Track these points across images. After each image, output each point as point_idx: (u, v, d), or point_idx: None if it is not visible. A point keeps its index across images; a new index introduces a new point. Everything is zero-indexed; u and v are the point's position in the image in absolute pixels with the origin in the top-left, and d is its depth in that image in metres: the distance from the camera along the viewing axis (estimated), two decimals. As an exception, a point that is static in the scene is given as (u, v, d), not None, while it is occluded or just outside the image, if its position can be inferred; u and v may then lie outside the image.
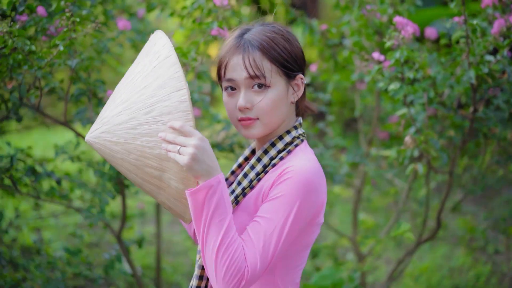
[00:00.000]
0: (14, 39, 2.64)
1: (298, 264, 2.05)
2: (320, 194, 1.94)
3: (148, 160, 1.91)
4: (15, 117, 3.38)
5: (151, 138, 1.89)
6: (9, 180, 3.38)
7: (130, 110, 1.91)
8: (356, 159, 3.55)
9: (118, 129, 1.91)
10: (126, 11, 4.04)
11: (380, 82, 2.84)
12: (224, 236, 1.83)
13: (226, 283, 1.82)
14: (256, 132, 2.00)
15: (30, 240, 5.61)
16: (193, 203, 1.86)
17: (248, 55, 1.95)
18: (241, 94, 1.97)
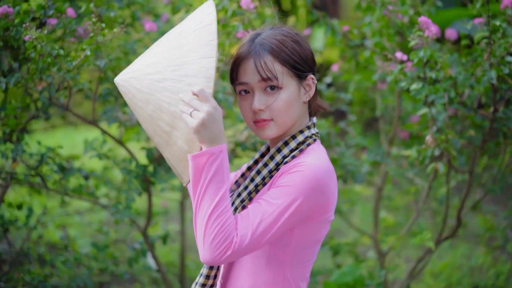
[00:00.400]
0: (42, 44, 2.70)
1: (308, 259, 2.09)
2: (327, 193, 1.98)
3: (163, 114, 1.97)
4: (44, 116, 3.45)
5: (171, 94, 1.95)
6: (37, 177, 3.45)
7: (160, 65, 1.98)
8: (377, 158, 3.57)
9: (145, 78, 1.98)
10: (152, 13, 4.10)
11: (402, 82, 2.86)
12: (218, 203, 1.87)
13: (213, 249, 1.86)
14: (271, 133, 2.05)
15: (56, 237, 5.68)
16: (194, 167, 1.90)
17: (259, 58, 2.00)
18: (255, 97, 2.02)
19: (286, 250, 2.02)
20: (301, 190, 1.92)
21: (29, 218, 4.29)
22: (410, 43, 2.71)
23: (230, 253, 1.87)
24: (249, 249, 1.90)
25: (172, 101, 1.95)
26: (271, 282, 2.06)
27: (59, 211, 6.38)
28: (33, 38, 2.69)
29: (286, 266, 2.05)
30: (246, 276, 2.09)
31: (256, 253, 2.06)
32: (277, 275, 2.05)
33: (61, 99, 3.14)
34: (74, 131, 8.18)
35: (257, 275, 2.07)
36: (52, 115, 4.13)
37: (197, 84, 1.92)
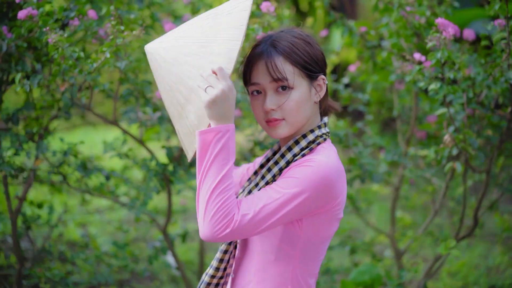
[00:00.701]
0: (64, 46, 2.74)
1: (316, 257, 2.12)
2: (334, 191, 2.00)
3: (181, 86, 2.03)
4: (66, 115, 3.50)
5: (192, 69, 2.01)
6: (59, 175, 3.49)
7: (190, 39, 2.04)
8: (394, 158, 3.58)
9: (173, 50, 2.05)
10: (172, 14, 4.13)
11: (421, 82, 2.87)
12: (222, 180, 1.91)
13: (213, 224, 1.89)
14: (283, 132, 2.08)
15: (77, 235, 5.73)
16: (201, 142, 1.95)
17: (271, 60, 2.04)
18: (267, 97, 2.06)
19: (295, 246, 2.05)
20: (309, 185, 1.95)
21: (50, 216, 4.34)
22: (427, 44, 2.71)
23: (228, 231, 1.89)
24: (247, 231, 1.92)
25: (192, 75, 2.01)
26: (280, 277, 2.09)
27: (79, 210, 6.44)
28: (55, 41, 2.72)
29: (295, 262, 2.08)
30: (256, 272, 2.13)
31: (265, 249, 2.09)
32: (286, 271, 2.08)
33: (83, 99, 3.18)
34: (93, 130, 8.25)
35: (266, 271, 2.11)
36: (72, 115, 4.18)
37: (219, 63, 1.96)
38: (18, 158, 3.59)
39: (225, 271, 2.21)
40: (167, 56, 2.05)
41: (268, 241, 2.08)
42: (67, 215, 6.31)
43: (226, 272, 2.21)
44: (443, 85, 2.77)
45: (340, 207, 2.08)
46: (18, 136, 3.36)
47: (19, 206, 3.87)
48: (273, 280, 2.10)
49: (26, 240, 5.51)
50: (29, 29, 2.98)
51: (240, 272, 2.19)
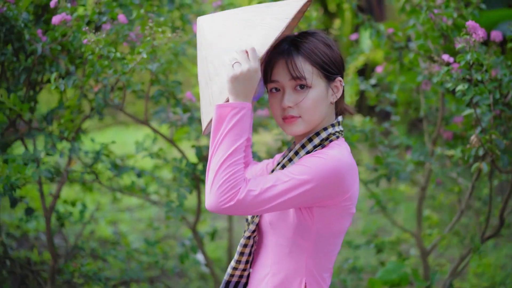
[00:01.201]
0: (100, 47, 2.79)
1: (329, 250, 2.15)
2: (343, 186, 2.03)
3: (216, 59, 2.09)
4: (98, 115, 3.56)
5: (229, 45, 2.06)
6: (91, 174, 3.56)
7: (239, 19, 2.11)
8: (420, 158, 3.59)
9: (220, 24, 2.12)
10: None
11: (448, 83, 2.88)
12: (232, 153, 1.96)
13: (219, 195, 1.94)
14: (298, 129, 2.12)
15: (108, 233, 5.80)
16: (217, 116, 2.00)
17: (291, 59, 2.09)
18: (285, 95, 2.11)
19: (308, 239, 2.09)
20: (318, 175, 1.99)
21: (83, 213, 4.41)
22: (456, 46, 2.72)
23: (232, 203, 1.93)
24: (250, 207, 1.96)
25: (227, 51, 2.06)
26: (294, 271, 2.13)
27: (111, 208, 6.52)
28: (92, 41, 2.78)
29: (308, 256, 2.12)
30: (271, 265, 2.17)
31: (280, 242, 2.14)
32: (300, 265, 2.12)
33: (116, 100, 3.24)
34: (125, 130, 8.35)
35: (281, 264, 2.15)
36: (105, 115, 4.26)
37: (253, 44, 2.02)
38: (51, 158, 3.66)
39: (247, 264, 2.25)
40: (213, 29, 2.11)
41: (282, 234, 2.13)
42: (99, 213, 6.41)
43: (248, 265, 2.26)
44: (470, 87, 2.78)
45: (351, 203, 2.10)
46: (51, 136, 3.43)
47: (52, 203, 3.94)
48: (288, 272, 2.14)
49: (59, 237, 5.60)
50: (63, 33, 3.04)
51: (258, 265, 2.24)
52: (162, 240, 5.57)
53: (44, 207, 3.97)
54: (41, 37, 3.16)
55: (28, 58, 3.35)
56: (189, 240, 4.28)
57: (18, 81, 3.45)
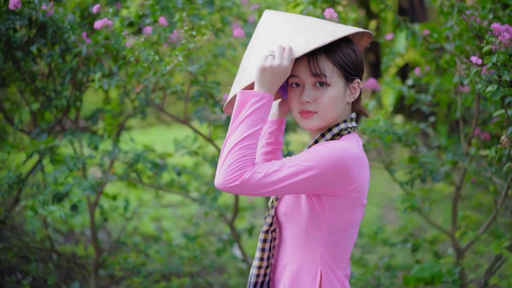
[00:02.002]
0: (140, 50, 2.93)
1: (343, 241, 2.23)
2: (348, 175, 2.11)
3: (259, 51, 2.19)
4: (141, 114, 3.71)
5: (274, 40, 2.17)
6: (134, 173, 3.71)
7: (294, 24, 2.22)
8: (455, 158, 3.62)
9: (282, 21, 2.23)
10: (241, 17, 4.28)
11: (478, 84, 2.93)
12: (247, 137, 2.08)
13: (227, 174, 2.05)
14: (314, 124, 2.21)
15: (151, 229, 5.95)
16: (240, 100, 2.12)
17: (314, 56, 2.18)
18: (305, 90, 2.19)
19: (321, 229, 2.18)
20: (322, 163, 2.08)
21: (126, 209, 4.56)
22: (484, 48, 2.78)
23: (237, 183, 2.05)
24: (254, 188, 2.07)
25: (271, 44, 2.17)
26: (310, 260, 2.22)
27: (154, 204, 6.68)
28: (132, 45, 2.92)
29: (322, 246, 2.20)
30: (289, 255, 2.27)
31: (295, 233, 2.23)
32: (315, 254, 2.21)
33: (156, 100, 3.37)
34: (167, 129, 8.50)
35: (297, 254, 2.24)
36: (148, 114, 4.40)
37: (293, 45, 2.13)
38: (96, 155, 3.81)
39: (269, 260, 2.35)
40: (272, 23, 2.23)
41: (297, 225, 2.22)
42: (142, 209, 6.57)
43: (270, 262, 2.35)
44: (499, 88, 2.83)
45: (359, 195, 2.18)
46: (94, 137, 3.58)
47: (96, 199, 4.10)
48: (304, 262, 2.23)
49: (104, 232, 5.79)
50: (105, 37, 3.19)
51: (278, 257, 2.34)
52: (203, 237, 5.70)
53: (89, 202, 4.13)
54: (85, 40, 3.31)
55: (73, 59, 3.51)
56: (227, 236, 4.39)
57: (64, 81, 3.62)
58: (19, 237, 5.25)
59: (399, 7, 8.71)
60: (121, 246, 4.99)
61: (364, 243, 4.90)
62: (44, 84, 3.81)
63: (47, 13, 3.14)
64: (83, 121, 4.07)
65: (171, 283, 4.83)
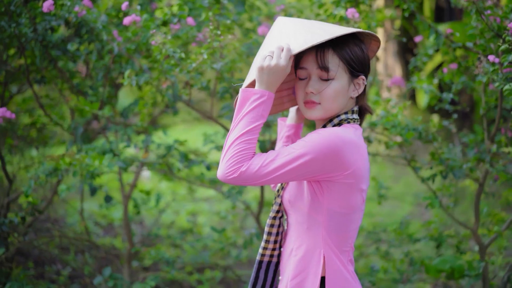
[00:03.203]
0: (167, 47, 3.04)
1: (345, 226, 2.30)
2: (341, 159, 2.18)
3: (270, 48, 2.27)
4: (172, 110, 3.82)
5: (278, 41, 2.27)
6: (163, 165, 3.83)
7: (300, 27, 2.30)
8: (476, 154, 3.65)
9: (292, 24, 2.31)
10: (271, 17, 4.37)
11: (496, 83, 2.97)
12: (246, 133, 2.19)
13: (227, 167, 2.17)
14: (316, 114, 2.31)
15: (186, 223, 6.08)
16: (241, 98, 2.24)
17: (321, 50, 2.27)
18: (310, 81, 2.30)
19: (322, 214, 2.27)
20: (315, 148, 2.16)
21: (158, 202, 4.69)
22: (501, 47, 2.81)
23: (236, 175, 2.16)
24: (251, 179, 2.17)
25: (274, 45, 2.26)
26: (313, 244, 2.31)
27: (191, 199, 6.80)
28: (159, 43, 3.04)
29: (324, 230, 2.29)
30: (294, 241, 2.36)
31: (299, 219, 2.33)
32: (317, 239, 2.30)
33: (183, 96, 3.49)
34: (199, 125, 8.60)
35: (302, 238, 2.33)
36: (180, 111, 4.52)
37: (292, 43, 2.23)
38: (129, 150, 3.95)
39: (276, 244, 2.45)
40: (283, 27, 2.32)
41: (300, 211, 2.32)
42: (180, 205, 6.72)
43: (277, 245, 2.45)
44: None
45: (355, 180, 2.25)
46: (127, 130, 3.71)
47: (129, 192, 4.24)
48: (308, 246, 2.32)
49: (142, 226, 5.94)
50: (134, 33, 3.31)
51: (286, 244, 2.43)
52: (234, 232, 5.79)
53: (123, 195, 4.27)
54: (116, 37, 3.45)
55: (106, 57, 3.65)
56: (254, 229, 4.48)
57: (98, 78, 3.77)
58: (60, 230, 5.44)
59: (436, 6, 8.68)
60: (154, 239, 5.13)
61: (391, 238, 4.95)
62: (80, 81, 3.97)
63: (79, 13, 3.28)
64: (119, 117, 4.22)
65: (203, 275, 4.95)
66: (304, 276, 2.33)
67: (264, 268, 2.47)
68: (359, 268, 4.92)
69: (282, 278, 2.44)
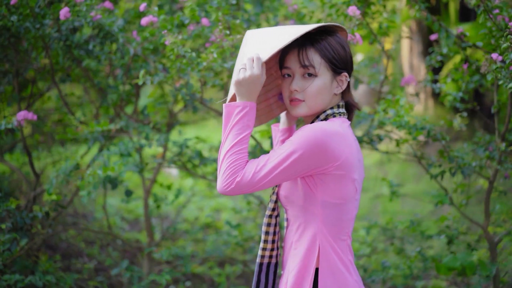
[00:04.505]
0: (179, 48, 3.12)
1: (340, 216, 2.34)
2: (327, 151, 2.23)
3: (242, 62, 2.34)
4: (192, 108, 3.90)
5: (250, 51, 2.34)
6: (179, 163, 3.92)
7: (266, 35, 2.37)
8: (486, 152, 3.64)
9: (258, 35, 2.39)
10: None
11: (500, 81, 2.98)
12: (235, 145, 2.26)
13: (223, 179, 2.25)
14: (301, 111, 2.37)
15: (209, 218, 6.17)
16: (225, 113, 2.32)
17: (303, 49, 2.34)
18: (294, 80, 2.36)
19: (317, 205, 2.31)
20: (302, 145, 2.22)
21: (177, 197, 4.78)
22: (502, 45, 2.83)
23: (233, 186, 2.24)
24: (248, 187, 2.24)
25: (244, 57, 2.34)
26: (310, 236, 2.35)
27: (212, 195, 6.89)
28: (171, 43, 3.11)
29: (320, 222, 2.33)
30: (294, 234, 2.41)
31: (295, 213, 2.38)
32: (314, 229, 2.34)
33: (196, 94, 3.56)
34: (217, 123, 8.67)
35: (300, 231, 2.38)
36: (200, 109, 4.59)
37: (264, 50, 2.30)
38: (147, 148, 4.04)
39: (274, 244, 2.49)
40: (251, 39, 2.39)
41: (296, 206, 2.36)
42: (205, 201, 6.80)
43: (275, 245, 2.49)
44: (519, 84, 2.88)
45: (345, 171, 2.29)
46: (146, 125, 3.80)
47: (149, 187, 4.33)
48: (305, 238, 2.36)
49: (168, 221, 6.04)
50: (152, 34, 3.39)
51: (286, 238, 2.48)
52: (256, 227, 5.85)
53: (144, 190, 4.37)
54: (135, 38, 3.54)
55: (125, 57, 3.74)
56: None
57: (118, 77, 3.86)
58: (86, 224, 5.57)
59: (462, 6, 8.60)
60: (173, 233, 5.22)
61: (403, 235, 4.97)
62: (101, 80, 4.08)
63: (93, 18, 3.37)
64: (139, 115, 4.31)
65: (224, 270, 5.02)
66: (302, 268, 2.38)
67: (265, 271, 2.50)
68: (372, 264, 4.94)
69: (284, 272, 2.49)
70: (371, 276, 4.22)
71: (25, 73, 4.08)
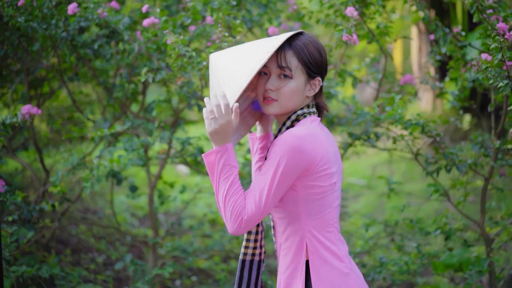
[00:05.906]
0: (180, 47, 3.20)
1: (323, 209, 2.41)
2: (305, 154, 2.30)
3: (216, 90, 2.39)
4: (198, 107, 3.97)
5: (220, 81, 2.38)
6: (180, 158, 4.01)
7: (238, 55, 2.40)
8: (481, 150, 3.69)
9: (224, 60, 2.42)
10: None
11: (491, 79, 3.04)
12: (229, 189, 2.30)
13: (232, 223, 2.29)
14: (273, 110, 2.43)
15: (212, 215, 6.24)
16: (207, 163, 2.37)
17: (282, 51, 2.39)
18: (270, 79, 2.41)
19: (298, 205, 2.38)
20: (281, 158, 2.30)
21: (181, 193, 4.85)
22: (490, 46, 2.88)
23: (243, 225, 2.29)
24: (257, 217, 2.30)
25: (219, 85, 2.39)
26: (297, 234, 2.42)
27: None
28: (173, 42, 3.19)
29: (304, 220, 2.40)
30: (281, 235, 2.48)
31: (280, 215, 2.44)
32: (300, 228, 2.41)
33: (197, 92, 3.64)
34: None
35: (287, 232, 2.44)
36: (205, 107, 4.67)
37: (233, 84, 2.34)
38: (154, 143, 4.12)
39: (256, 243, 2.56)
40: (218, 64, 2.44)
41: (279, 208, 2.43)
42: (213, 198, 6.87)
43: (258, 244, 2.57)
44: (508, 83, 2.93)
45: (326, 167, 2.37)
46: (150, 122, 3.88)
47: (154, 183, 4.42)
48: (293, 237, 2.43)
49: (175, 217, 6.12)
50: (154, 34, 3.48)
51: (275, 240, 2.55)
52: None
53: (150, 186, 4.45)
54: (139, 37, 3.63)
55: (129, 56, 3.83)
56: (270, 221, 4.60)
57: (122, 76, 3.95)
58: (95, 219, 5.67)
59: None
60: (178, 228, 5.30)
61: (402, 232, 5.02)
62: (105, 78, 4.17)
63: (100, 15, 3.46)
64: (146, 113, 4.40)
65: (229, 265, 5.10)
66: (293, 267, 2.45)
67: (248, 267, 2.57)
68: (372, 260, 5.00)
69: (278, 274, 2.55)
70: (370, 272, 4.27)
71: (36, 72, 4.18)
